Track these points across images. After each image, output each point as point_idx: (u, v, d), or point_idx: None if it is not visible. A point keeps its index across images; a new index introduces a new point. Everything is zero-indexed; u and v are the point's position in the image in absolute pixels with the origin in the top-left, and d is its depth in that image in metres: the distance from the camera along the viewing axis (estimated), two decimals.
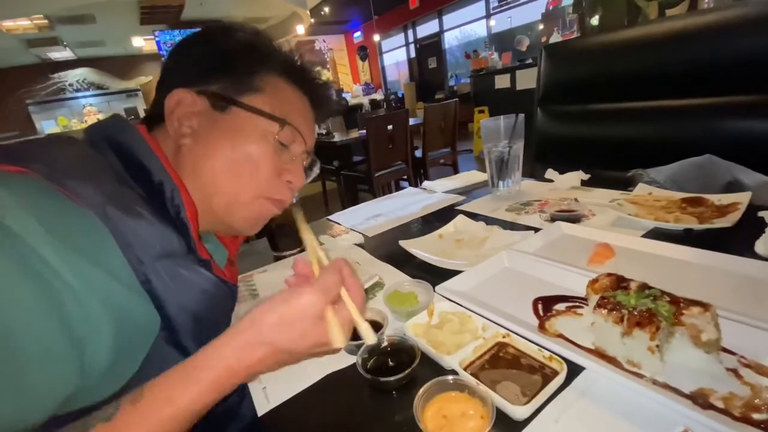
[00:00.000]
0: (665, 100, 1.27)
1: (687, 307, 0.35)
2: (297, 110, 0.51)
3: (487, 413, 0.35)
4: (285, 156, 0.49)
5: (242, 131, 0.46)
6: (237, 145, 0.46)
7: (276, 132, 0.47)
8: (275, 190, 0.49)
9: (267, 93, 0.47)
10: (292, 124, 0.48)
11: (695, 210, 0.68)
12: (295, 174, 0.51)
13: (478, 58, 6.41)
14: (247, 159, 0.46)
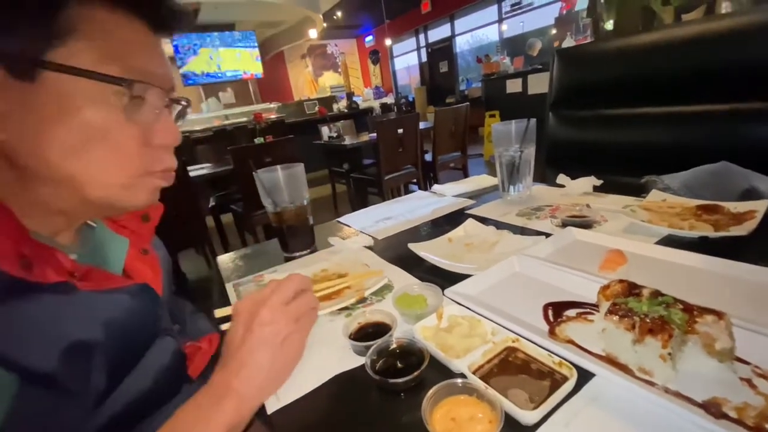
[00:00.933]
0: (680, 106, 1.26)
1: (700, 315, 0.35)
2: (135, 45, 0.37)
3: (495, 417, 0.35)
4: (145, 111, 0.38)
5: (70, 101, 0.34)
6: (71, 123, 0.34)
7: (119, 90, 0.35)
8: (152, 162, 0.40)
9: (85, 34, 0.34)
10: (135, 78, 0.35)
11: (711, 217, 0.67)
12: (165, 132, 0.40)
13: (489, 63, 6.39)
14: (95, 137, 0.35)
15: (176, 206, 2.15)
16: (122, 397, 0.39)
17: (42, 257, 0.36)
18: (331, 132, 3.77)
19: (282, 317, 0.39)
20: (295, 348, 0.40)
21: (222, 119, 5.60)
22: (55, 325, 0.35)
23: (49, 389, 0.33)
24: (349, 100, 6.17)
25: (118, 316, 0.40)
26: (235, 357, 0.38)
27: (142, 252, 0.51)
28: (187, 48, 6.68)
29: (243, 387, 0.37)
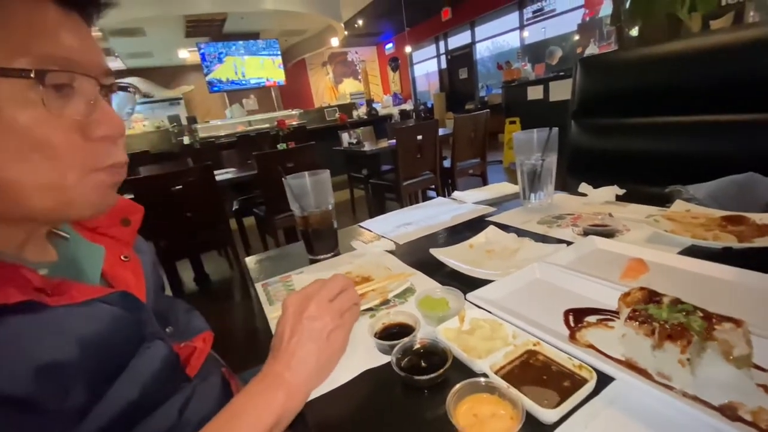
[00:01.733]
0: (706, 115, 1.24)
1: (719, 323, 0.36)
2: (43, 29, 0.33)
3: (516, 415, 0.36)
4: (76, 104, 0.35)
5: None
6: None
7: (33, 83, 0.32)
8: (96, 157, 0.37)
9: None
10: (48, 68, 0.32)
11: (735, 228, 0.67)
12: (103, 122, 0.37)
13: (510, 69, 6.37)
14: (24, 139, 0.32)
15: (202, 209, 2.23)
16: (108, 410, 0.36)
17: (3, 277, 0.33)
18: (351, 138, 3.84)
19: (327, 312, 0.44)
20: (339, 342, 0.45)
21: (245, 125, 5.77)
22: (22, 347, 0.32)
23: (23, 412, 0.31)
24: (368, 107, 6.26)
25: (95, 328, 0.38)
26: (285, 349, 0.42)
27: (123, 258, 0.49)
28: (213, 56, 6.92)
29: (293, 377, 0.41)
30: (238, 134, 4.91)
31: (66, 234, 0.46)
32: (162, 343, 0.45)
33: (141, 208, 0.55)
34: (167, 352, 0.45)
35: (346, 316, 0.46)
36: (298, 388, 0.41)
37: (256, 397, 0.39)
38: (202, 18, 6.03)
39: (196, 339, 0.55)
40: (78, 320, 0.37)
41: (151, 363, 0.42)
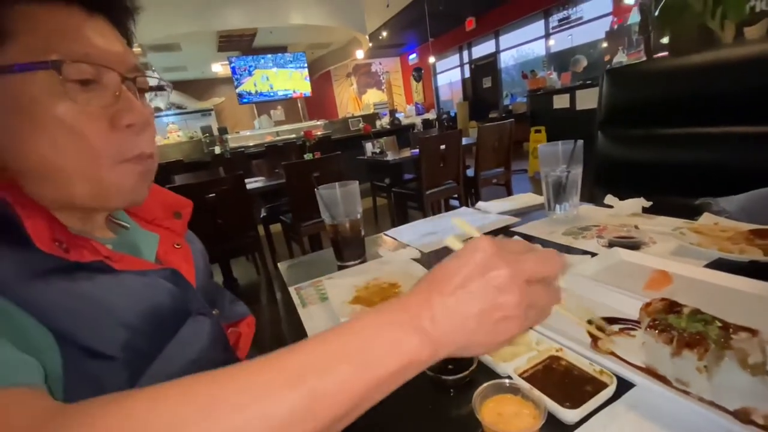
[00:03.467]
0: (737, 126, 1.22)
1: (736, 332, 0.38)
2: (69, 32, 0.38)
3: (538, 414, 0.39)
4: (103, 96, 0.39)
5: (18, 99, 0.36)
6: (32, 120, 0.36)
7: (59, 77, 0.36)
8: (123, 147, 0.41)
9: (20, 32, 0.36)
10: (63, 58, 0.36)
11: (763, 242, 0.67)
12: (128, 110, 0.40)
13: (535, 78, 6.32)
14: (58, 130, 0.37)
15: (233, 217, 2.34)
16: (165, 368, 0.40)
17: (76, 244, 0.39)
18: (374, 148, 3.90)
19: (519, 292, 0.30)
20: (504, 335, 0.31)
21: (273, 135, 5.96)
22: (97, 300, 0.37)
23: (94, 359, 0.36)
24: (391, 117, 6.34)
25: (152, 296, 0.42)
26: (443, 290, 0.30)
27: (175, 246, 0.54)
28: (243, 69, 7.21)
29: (437, 329, 0.29)
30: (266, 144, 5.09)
31: (126, 224, 0.52)
32: (208, 320, 0.49)
33: (191, 203, 0.61)
34: (215, 329, 0.49)
35: (531, 313, 0.32)
36: (437, 345, 0.30)
37: (388, 329, 0.29)
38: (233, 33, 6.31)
39: (241, 324, 0.60)
40: (139, 286, 0.42)
41: (199, 337, 0.46)
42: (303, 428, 0.25)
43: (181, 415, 0.24)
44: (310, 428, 0.26)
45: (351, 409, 0.27)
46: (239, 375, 0.26)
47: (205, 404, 0.24)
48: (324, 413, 0.26)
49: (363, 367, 0.28)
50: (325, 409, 0.26)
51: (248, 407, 0.24)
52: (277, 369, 0.27)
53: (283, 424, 0.25)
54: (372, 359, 0.28)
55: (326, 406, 0.26)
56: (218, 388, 0.25)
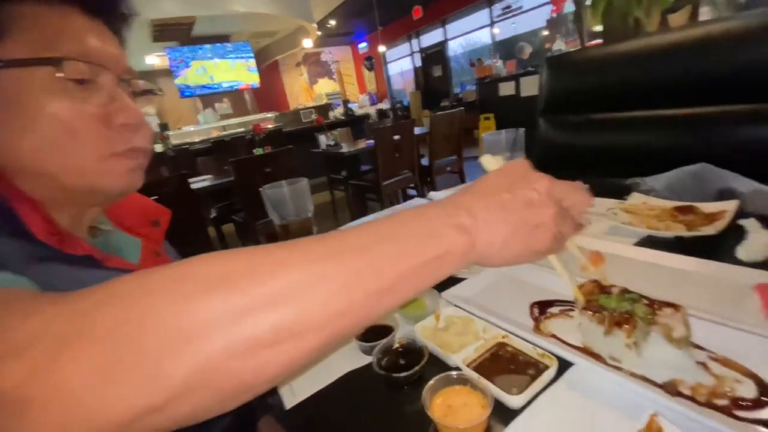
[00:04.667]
0: (665, 110, 1.31)
1: (660, 308, 0.41)
2: (71, 32, 0.39)
3: (486, 403, 0.40)
4: (98, 96, 0.40)
5: (16, 95, 0.37)
6: (27, 116, 0.37)
7: (56, 74, 0.37)
8: (116, 143, 0.41)
9: (18, 31, 0.36)
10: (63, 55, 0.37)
11: (685, 218, 0.73)
12: (122, 110, 0.41)
13: (482, 66, 6.48)
14: (54, 126, 0.38)
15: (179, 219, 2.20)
16: None
17: (69, 240, 0.40)
18: (328, 140, 3.83)
19: (555, 207, 0.32)
20: (540, 242, 0.32)
21: (220, 130, 5.67)
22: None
23: None
24: (345, 107, 6.25)
25: None
26: (487, 194, 0.31)
27: (155, 254, 0.54)
28: (180, 61, 6.75)
29: (477, 224, 0.30)
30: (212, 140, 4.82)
31: (110, 228, 0.51)
32: None
33: (169, 211, 0.61)
34: None
35: (562, 224, 0.33)
36: (469, 238, 0.29)
37: (421, 220, 0.29)
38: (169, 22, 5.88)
39: None
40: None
41: None
42: (337, 302, 0.24)
43: (229, 268, 0.24)
44: (344, 301, 0.25)
45: (383, 291, 0.26)
46: (272, 248, 0.26)
47: (247, 263, 0.24)
48: (357, 290, 0.25)
49: (398, 252, 0.27)
50: (358, 285, 0.25)
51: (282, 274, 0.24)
52: (316, 244, 0.26)
53: (316, 294, 0.24)
54: (407, 246, 0.28)
55: (360, 282, 0.25)
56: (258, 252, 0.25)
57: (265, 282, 0.23)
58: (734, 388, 0.37)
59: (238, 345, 0.21)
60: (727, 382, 0.37)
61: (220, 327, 0.21)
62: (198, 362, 0.20)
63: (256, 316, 0.22)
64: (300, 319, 0.23)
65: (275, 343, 0.22)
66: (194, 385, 0.20)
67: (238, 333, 0.21)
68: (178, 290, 0.22)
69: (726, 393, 0.36)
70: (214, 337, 0.21)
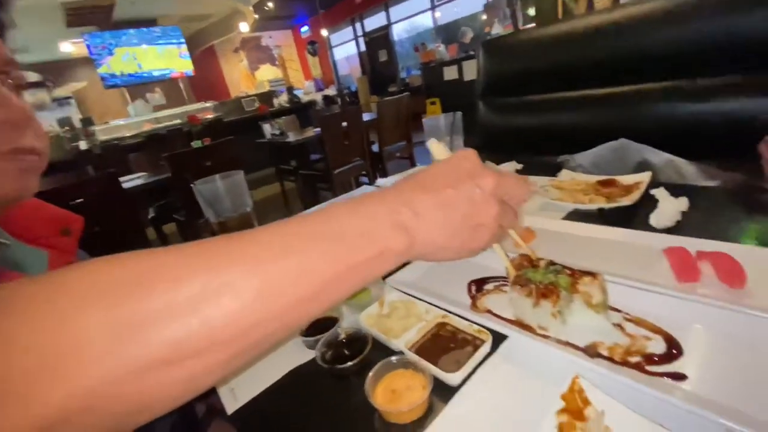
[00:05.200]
0: (592, 90, 1.40)
1: (581, 278, 0.43)
2: None
3: (427, 383, 0.41)
4: None
5: None
6: None
7: None
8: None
9: None
10: None
11: (606, 191, 0.78)
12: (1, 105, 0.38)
13: (426, 51, 6.53)
14: None
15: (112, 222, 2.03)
16: None
17: None
18: (273, 129, 3.69)
19: (498, 206, 0.32)
20: (479, 241, 0.32)
21: (153, 123, 5.25)
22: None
23: None
24: (289, 95, 6.04)
25: None
26: (431, 188, 0.30)
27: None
28: (102, 48, 6.13)
29: (419, 224, 0.29)
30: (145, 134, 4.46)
31: (5, 241, 0.46)
32: None
33: (81, 218, 0.55)
34: None
35: (504, 219, 0.33)
36: (409, 238, 0.28)
37: (358, 217, 0.27)
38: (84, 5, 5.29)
39: None
40: None
41: None
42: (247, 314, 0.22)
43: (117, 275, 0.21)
44: (257, 312, 0.22)
45: (306, 299, 0.24)
46: (185, 249, 0.24)
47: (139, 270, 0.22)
48: (273, 299, 0.23)
49: (325, 254, 0.25)
50: (274, 294, 0.23)
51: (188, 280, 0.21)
52: (226, 246, 0.24)
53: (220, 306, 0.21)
54: (337, 247, 0.26)
55: (277, 291, 0.23)
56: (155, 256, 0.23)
57: (159, 292, 0.20)
58: (646, 345, 0.41)
59: (127, 364, 0.19)
60: (640, 340, 0.41)
61: (104, 345, 0.19)
62: (78, 385, 0.18)
63: (147, 332, 0.19)
64: (202, 333, 0.21)
65: (173, 362, 0.20)
66: (75, 410, 0.18)
67: (126, 351, 0.19)
68: (55, 303, 0.19)
69: (639, 350, 0.40)
70: (97, 356, 0.19)
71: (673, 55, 1.18)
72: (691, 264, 0.48)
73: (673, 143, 0.99)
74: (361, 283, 0.27)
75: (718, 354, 0.38)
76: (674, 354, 0.39)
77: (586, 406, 0.34)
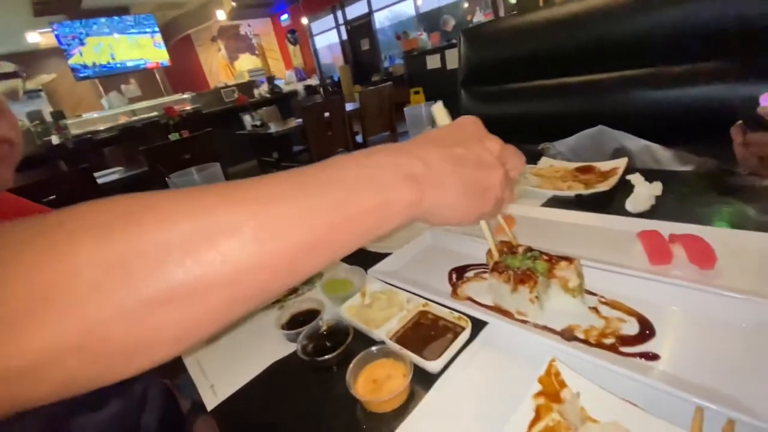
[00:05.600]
0: (571, 77, 1.41)
1: (557, 263, 0.44)
2: None
3: (408, 372, 0.41)
4: None
5: None
6: None
7: None
8: None
9: None
10: None
11: (585, 177, 0.79)
12: None
13: (408, 39, 6.46)
14: None
15: None
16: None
17: None
18: (254, 120, 3.62)
19: (503, 172, 0.31)
20: (486, 205, 0.32)
21: (129, 115, 5.08)
22: None
23: None
24: (270, 85, 5.92)
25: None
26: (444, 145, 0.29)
27: None
28: (72, 38, 5.87)
29: (429, 174, 0.28)
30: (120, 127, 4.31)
31: None
32: None
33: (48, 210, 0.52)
34: None
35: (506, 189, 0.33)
36: (419, 189, 0.27)
37: (374, 166, 0.26)
38: None
39: None
40: None
41: None
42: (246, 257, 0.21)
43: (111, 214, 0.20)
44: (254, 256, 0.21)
45: (308, 247, 0.23)
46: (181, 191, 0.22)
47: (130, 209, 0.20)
48: (271, 244, 0.21)
49: (328, 201, 0.24)
50: (273, 238, 0.21)
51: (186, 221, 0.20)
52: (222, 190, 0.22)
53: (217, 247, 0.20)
54: (340, 193, 0.24)
55: (275, 235, 0.22)
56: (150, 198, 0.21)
57: (151, 231, 0.19)
58: (620, 327, 0.42)
59: (118, 304, 0.18)
60: (614, 322, 0.42)
61: (94, 282, 0.18)
62: (68, 323, 0.17)
63: (138, 270, 0.18)
64: (195, 274, 0.19)
65: (165, 303, 0.19)
66: (65, 349, 0.17)
67: (116, 290, 0.18)
68: (43, 238, 0.18)
69: (613, 332, 0.41)
70: (87, 293, 0.18)
71: (651, 42, 1.19)
72: (664, 247, 0.49)
73: (649, 129, 1.01)
74: (366, 236, 0.26)
75: (689, 333, 0.40)
76: (647, 335, 0.40)
77: (563, 388, 0.35)
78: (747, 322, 0.38)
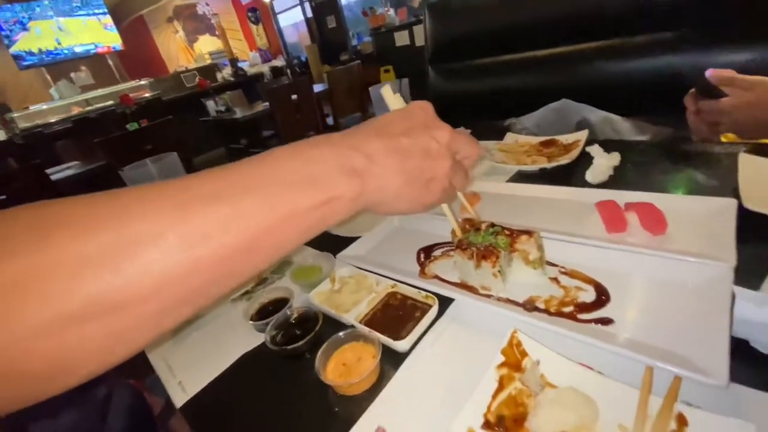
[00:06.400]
0: (536, 51, 1.42)
1: (518, 237, 0.45)
2: None
3: (377, 353, 0.41)
4: None
5: None
6: None
7: None
8: None
9: None
10: None
11: (548, 151, 0.81)
12: None
13: (375, 15, 6.29)
14: None
15: None
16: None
17: None
18: (218, 106, 3.47)
19: (451, 161, 0.31)
20: (431, 196, 0.32)
21: (82, 105, 4.77)
22: None
23: None
24: (233, 67, 5.68)
25: None
26: (386, 134, 0.29)
27: None
28: (13, 23, 5.40)
29: (373, 168, 0.27)
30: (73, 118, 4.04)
31: None
32: None
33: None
34: None
35: (455, 177, 0.32)
36: (361, 184, 0.27)
37: (313, 160, 0.26)
38: None
39: None
40: None
41: None
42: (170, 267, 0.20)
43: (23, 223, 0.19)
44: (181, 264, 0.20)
45: (240, 251, 0.22)
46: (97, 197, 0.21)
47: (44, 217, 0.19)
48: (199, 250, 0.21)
49: (262, 202, 0.23)
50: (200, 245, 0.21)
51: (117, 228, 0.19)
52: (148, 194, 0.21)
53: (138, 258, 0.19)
54: (277, 193, 0.23)
55: (203, 242, 0.21)
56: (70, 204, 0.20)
57: (63, 243, 0.18)
58: (578, 295, 0.43)
59: (33, 321, 0.17)
60: (573, 291, 0.44)
61: (3, 300, 0.17)
62: None
63: (49, 285, 0.17)
64: (117, 286, 0.18)
65: (87, 317, 0.18)
66: None
67: (29, 307, 0.17)
68: None
69: (572, 300, 0.42)
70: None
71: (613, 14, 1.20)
72: (619, 216, 0.51)
73: (612, 100, 1.04)
74: (308, 232, 0.25)
75: (642, 297, 0.42)
76: (603, 301, 0.41)
77: (524, 357, 0.36)
78: (694, 283, 0.40)
